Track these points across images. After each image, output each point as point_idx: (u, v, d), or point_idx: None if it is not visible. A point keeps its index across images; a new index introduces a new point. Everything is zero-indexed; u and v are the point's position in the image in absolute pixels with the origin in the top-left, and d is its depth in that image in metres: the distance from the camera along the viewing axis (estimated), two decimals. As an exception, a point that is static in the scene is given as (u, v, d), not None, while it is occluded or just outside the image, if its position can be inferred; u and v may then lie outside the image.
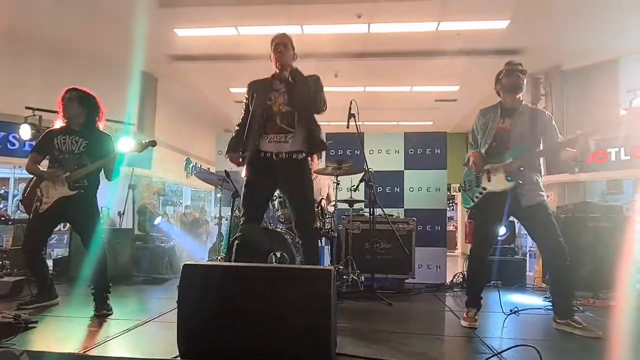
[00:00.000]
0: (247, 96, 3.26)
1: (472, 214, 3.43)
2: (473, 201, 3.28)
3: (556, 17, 6.62)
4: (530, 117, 3.14)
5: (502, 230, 4.21)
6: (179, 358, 2.11)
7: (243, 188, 3.13)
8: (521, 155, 3.07)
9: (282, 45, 3.15)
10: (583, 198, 8.00)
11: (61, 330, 2.92)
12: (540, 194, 3.08)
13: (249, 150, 3.09)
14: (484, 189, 3.21)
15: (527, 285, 5.16)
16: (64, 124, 3.43)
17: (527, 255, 8.47)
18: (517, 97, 3.17)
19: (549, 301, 4.14)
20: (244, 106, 3.27)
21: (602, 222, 4.86)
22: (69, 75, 7.27)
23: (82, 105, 3.40)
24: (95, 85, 3.64)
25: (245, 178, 3.14)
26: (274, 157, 3.05)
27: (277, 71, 3.19)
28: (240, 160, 3.17)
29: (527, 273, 5.53)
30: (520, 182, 3.05)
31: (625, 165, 7.40)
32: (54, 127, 3.48)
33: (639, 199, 7.76)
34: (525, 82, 3.17)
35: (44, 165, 3.49)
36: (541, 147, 3.15)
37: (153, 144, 3.60)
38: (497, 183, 3.14)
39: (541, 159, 3.26)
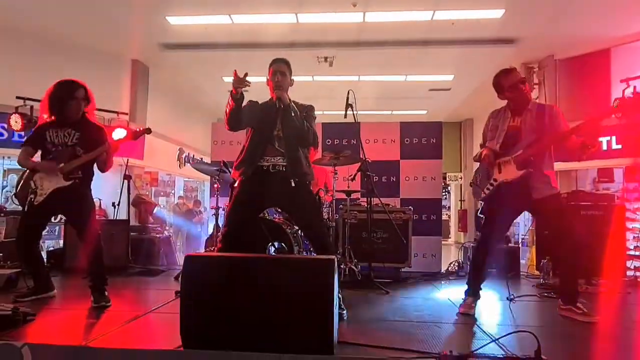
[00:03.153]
0: (246, 105, 3.15)
1: (483, 207, 3.43)
2: (484, 193, 3.29)
3: (550, 7, 6.63)
4: (538, 111, 3.16)
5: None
6: (182, 348, 2.11)
7: (232, 199, 3.08)
8: (530, 146, 3.07)
9: (279, 73, 3.09)
10: (574, 186, 8.10)
11: (60, 322, 2.91)
12: (552, 187, 3.10)
13: (245, 166, 3.05)
14: (495, 180, 3.22)
15: (521, 273, 5.22)
16: (55, 117, 3.37)
17: (520, 243, 8.60)
18: (524, 90, 3.18)
19: (543, 288, 4.23)
20: (243, 107, 3.18)
21: (594, 210, 4.92)
22: (60, 65, 7.19)
23: (84, 102, 3.37)
24: (86, 74, 3.59)
25: (236, 189, 3.09)
26: (270, 169, 3.02)
27: (274, 97, 3.12)
28: (233, 173, 3.12)
29: (520, 261, 5.59)
30: (531, 170, 3.06)
31: (617, 154, 7.48)
32: (45, 121, 3.40)
33: (630, 188, 7.87)
34: (527, 84, 3.22)
35: (36, 159, 3.44)
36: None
37: (148, 131, 3.56)
38: (507, 173, 3.15)
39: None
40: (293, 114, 3.03)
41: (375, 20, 7.06)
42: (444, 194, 14.58)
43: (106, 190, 6.51)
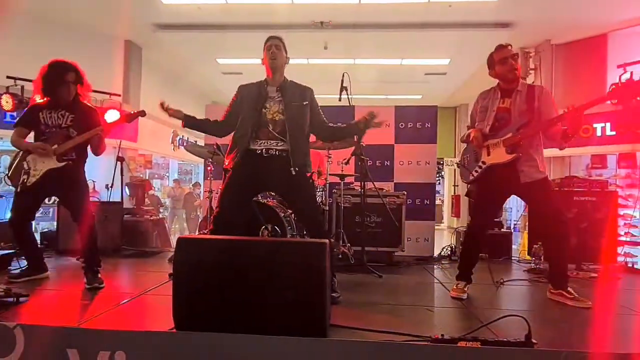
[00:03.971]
0: (234, 98, 3.15)
1: (470, 190, 3.43)
2: (473, 176, 3.28)
3: (548, -10, 6.57)
4: (527, 93, 3.14)
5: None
6: (174, 330, 2.12)
7: (225, 181, 3.04)
8: (520, 129, 3.06)
9: (274, 46, 3.05)
10: (568, 172, 8.15)
11: (53, 303, 2.92)
12: (539, 172, 3.09)
13: (236, 151, 3.01)
14: (484, 162, 3.20)
15: (512, 258, 5.28)
16: (48, 98, 3.33)
17: (512, 229, 8.67)
18: (513, 66, 3.14)
19: (534, 273, 4.27)
20: (230, 106, 3.17)
21: (587, 196, 4.95)
22: (52, 44, 7.06)
23: (76, 83, 3.32)
24: (78, 55, 3.53)
25: (229, 171, 3.06)
26: (263, 153, 2.98)
27: (270, 75, 3.10)
28: (227, 162, 3.10)
29: (512, 246, 5.63)
30: (521, 154, 3.05)
31: (611, 141, 7.51)
32: (38, 102, 3.37)
33: (622, 174, 7.95)
34: (519, 62, 3.18)
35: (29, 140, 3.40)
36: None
37: (142, 114, 3.54)
38: (496, 156, 3.13)
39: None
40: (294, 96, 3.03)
41: (371, 1, 6.97)
42: (437, 178, 14.63)
43: (100, 172, 6.47)
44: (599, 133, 7.61)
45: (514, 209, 9.78)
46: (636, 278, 4.29)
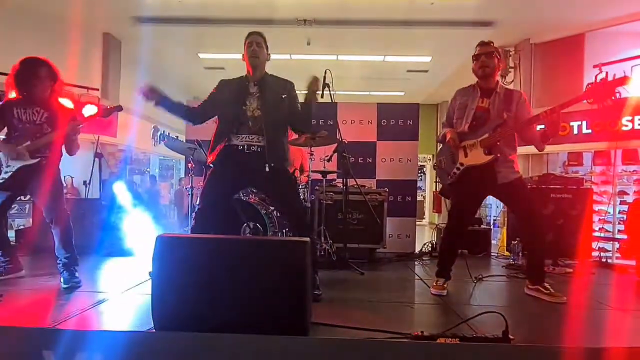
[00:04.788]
0: (214, 90, 3.14)
1: (446, 190, 3.45)
2: (451, 177, 3.29)
3: (528, -10, 6.66)
4: (505, 95, 3.18)
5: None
6: (153, 330, 2.09)
7: (207, 178, 3.03)
8: (497, 129, 3.09)
9: (255, 43, 3.03)
10: (545, 169, 8.32)
11: (28, 303, 2.85)
12: (515, 172, 3.15)
13: (219, 147, 2.99)
14: (461, 164, 3.21)
15: (491, 254, 5.36)
16: (23, 95, 3.24)
17: (492, 224, 8.82)
18: (491, 79, 3.18)
19: (512, 269, 4.35)
20: (208, 96, 3.15)
21: (563, 193, 5.06)
22: (27, 37, 6.87)
23: (50, 80, 3.24)
24: (54, 48, 3.47)
25: (211, 168, 3.05)
26: (245, 149, 2.97)
27: (250, 72, 3.08)
28: (209, 159, 3.08)
29: (491, 242, 5.72)
30: (499, 155, 3.09)
31: (587, 139, 7.68)
32: (12, 97, 3.29)
33: (597, 171, 8.15)
34: (495, 62, 3.17)
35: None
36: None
37: (119, 108, 3.49)
38: (474, 157, 3.15)
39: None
40: (273, 91, 3.01)
41: (354, -2, 6.97)
42: (419, 175, 14.75)
43: (78, 168, 6.35)
44: (575, 131, 7.77)
45: (494, 205, 9.93)
46: (609, 273, 4.41)
